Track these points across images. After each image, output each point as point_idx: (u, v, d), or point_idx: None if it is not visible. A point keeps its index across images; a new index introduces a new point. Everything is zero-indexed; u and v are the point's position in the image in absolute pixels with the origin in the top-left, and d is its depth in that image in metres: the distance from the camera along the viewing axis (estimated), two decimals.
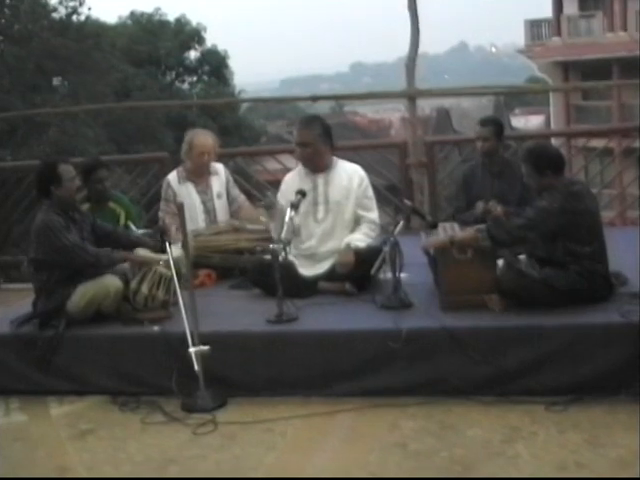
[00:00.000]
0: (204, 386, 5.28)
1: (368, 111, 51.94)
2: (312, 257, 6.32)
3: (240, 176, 7.76)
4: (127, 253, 6.06)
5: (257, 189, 9.30)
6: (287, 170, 9.40)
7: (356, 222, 6.36)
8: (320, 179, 6.37)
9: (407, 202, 6.14)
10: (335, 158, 6.48)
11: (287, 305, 5.66)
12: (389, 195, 9.03)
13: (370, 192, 6.44)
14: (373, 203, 6.43)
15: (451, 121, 40.59)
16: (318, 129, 6.31)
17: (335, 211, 6.33)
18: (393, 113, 47.02)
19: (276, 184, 9.33)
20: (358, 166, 6.51)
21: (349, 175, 6.39)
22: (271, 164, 9.89)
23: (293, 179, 6.50)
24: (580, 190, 5.40)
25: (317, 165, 6.37)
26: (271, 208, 6.67)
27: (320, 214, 6.34)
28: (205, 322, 5.42)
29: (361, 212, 6.35)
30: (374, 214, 6.38)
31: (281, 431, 4.96)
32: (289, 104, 45.82)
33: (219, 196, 7.42)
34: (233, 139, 29.77)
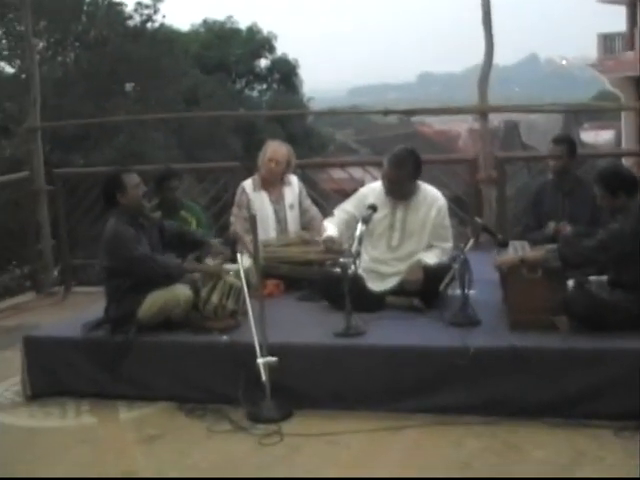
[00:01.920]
0: (270, 396, 5.32)
1: (435, 122, 51.63)
2: (381, 273, 6.32)
3: (305, 183, 7.80)
4: (198, 265, 6.13)
5: (322, 197, 9.32)
6: (353, 180, 9.48)
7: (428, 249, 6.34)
8: (400, 206, 6.34)
9: (478, 220, 6.13)
10: (418, 183, 6.40)
11: (355, 319, 5.67)
12: (454, 207, 8.99)
13: (447, 221, 6.39)
14: (449, 233, 6.38)
15: (519, 134, 40.27)
16: (409, 167, 6.25)
17: (410, 240, 6.31)
18: (461, 124, 46.64)
19: (341, 193, 9.37)
20: (439, 193, 6.45)
21: (429, 203, 6.33)
22: (337, 173, 9.93)
23: (372, 195, 6.45)
24: None
25: (402, 195, 6.35)
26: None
27: (395, 241, 6.34)
28: (273, 333, 5.45)
29: (435, 242, 6.30)
30: (448, 244, 6.32)
31: (345, 444, 4.98)
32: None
33: (291, 207, 7.47)
34: (301, 147, 29.81)
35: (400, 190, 6.32)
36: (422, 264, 6.13)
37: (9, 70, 24.24)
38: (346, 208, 6.52)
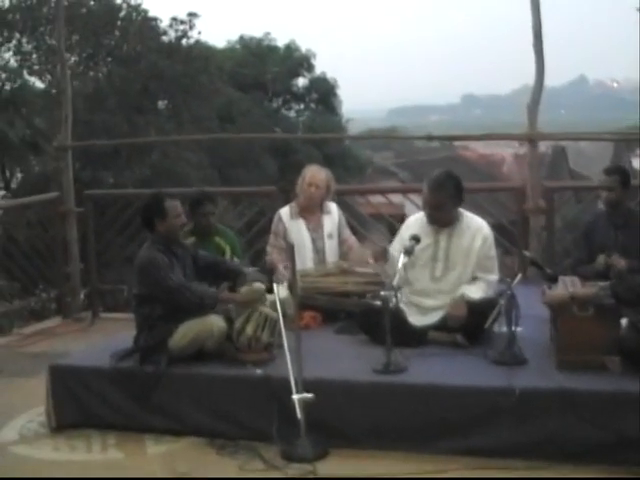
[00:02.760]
0: (305, 434, 5.29)
1: (479, 145, 51.48)
2: (423, 307, 6.30)
3: (342, 207, 7.79)
4: (232, 295, 6.14)
5: (360, 222, 9.30)
6: (392, 205, 9.47)
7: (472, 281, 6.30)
8: (443, 234, 6.33)
9: (526, 253, 6.10)
10: (461, 211, 6.40)
11: (395, 354, 5.64)
12: (499, 237, 8.94)
13: (492, 252, 6.35)
14: (494, 264, 6.34)
15: (567, 160, 40.03)
16: (450, 190, 6.25)
17: (453, 270, 6.28)
18: (505, 149, 46.47)
19: (379, 218, 9.37)
20: (484, 222, 6.43)
21: (473, 233, 6.31)
22: (375, 197, 9.92)
23: (414, 226, 6.46)
24: None
25: (444, 222, 6.34)
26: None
27: (438, 272, 6.31)
28: (309, 367, 5.44)
29: (480, 274, 6.26)
30: (494, 276, 6.28)
31: None
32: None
33: (330, 236, 7.48)
34: (338, 169, 29.73)
35: (441, 216, 6.30)
36: (466, 299, 6.10)
37: (39, 85, 24.52)
38: (395, 248, 6.49)
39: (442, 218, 6.32)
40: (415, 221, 6.51)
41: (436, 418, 5.30)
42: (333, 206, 7.63)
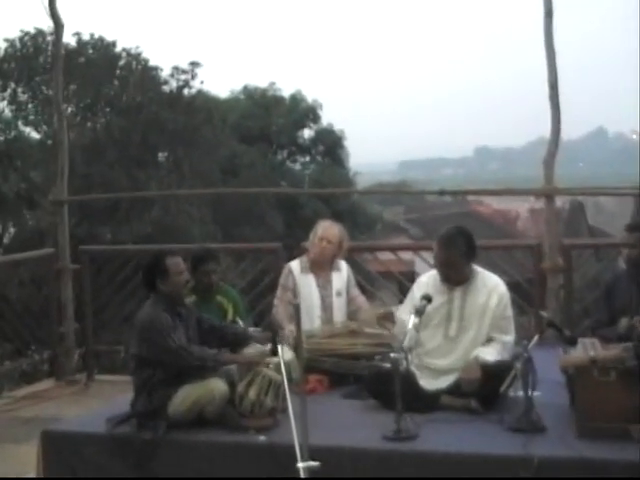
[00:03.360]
0: None
1: (494, 200, 51.62)
2: (436, 370, 6.27)
3: (349, 264, 7.78)
4: (235, 356, 6.13)
5: (368, 280, 9.29)
6: (402, 262, 9.47)
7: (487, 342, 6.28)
8: (457, 292, 6.33)
9: (543, 314, 6.09)
10: (475, 268, 6.41)
11: (406, 420, 5.61)
12: (514, 295, 8.92)
13: (509, 312, 6.35)
14: (510, 325, 6.32)
15: (586, 216, 40.06)
16: (462, 247, 6.26)
17: (468, 330, 6.26)
18: (521, 204, 46.59)
19: (387, 276, 9.35)
20: (500, 280, 6.43)
21: (488, 291, 6.31)
22: (385, 254, 9.91)
23: (427, 284, 6.45)
24: None
25: (458, 279, 6.34)
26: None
27: (452, 331, 6.29)
28: (315, 433, 5.37)
29: (495, 334, 6.24)
30: (510, 337, 6.27)
31: None
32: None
33: (338, 294, 7.49)
34: (346, 225, 29.76)
35: (454, 274, 6.31)
36: (480, 362, 6.07)
37: (35, 136, 24.69)
38: (404, 309, 6.48)
39: (455, 276, 6.32)
40: (427, 279, 6.52)
41: None
42: (343, 264, 7.67)
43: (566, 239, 9.40)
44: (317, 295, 7.45)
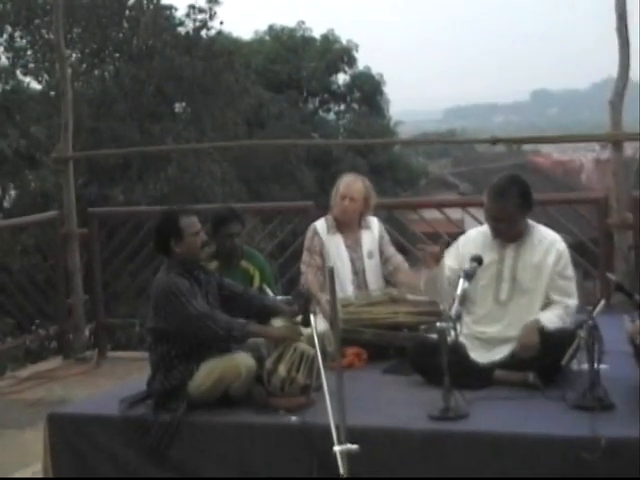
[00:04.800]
0: None
1: (553, 150, 51.31)
2: (488, 340, 6.25)
3: (391, 225, 7.74)
4: (266, 328, 6.12)
5: (412, 242, 9.26)
6: (450, 222, 9.43)
7: (546, 307, 6.24)
8: (509, 250, 6.29)
9: (610, 276, 6.05)
10: (530, 223, 6.37)
11: (455, 398, 5.60)
12: (577, 257, 8.86)
13: (569, 271, 6.30)
14: (572, 286, 6.28)
15: None
16: (515, 198, 6.20)
17: (522, 293, 6.23)
18: (585, 153, 46.28)
19: (435, 237, 9.31)
20: (558, 236, 6.38)
21: (545, 248, 6.26)
22: (430, 212, 9.86)
23: (475, 241, 6.42)
24: None
25: (510, 235, 6.31)
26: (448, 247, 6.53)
27: (503, 294, 6.26)
28: (353, 413, 5.37)
29: (555, 296, 6.20)
30: (572, 300, 6.23)
31: None
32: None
33: (370, 255, 7.47)
34: (386, 180, 29.95)
35: (506, 228, 6.26)
36: (540, 326, 6.04)
37: (35, 86, 24.74)
38: (446, 264, 6.44)
39: (507, 231, 6.28)
40: (476, 235, 6.48)
41: (504, 473, 5.24)
42: (374, 220, 7.64)
43: (637, 192, 9.32)
44: (347, 258, 7.44)
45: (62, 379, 9.07)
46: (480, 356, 6.20)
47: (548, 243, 6.28)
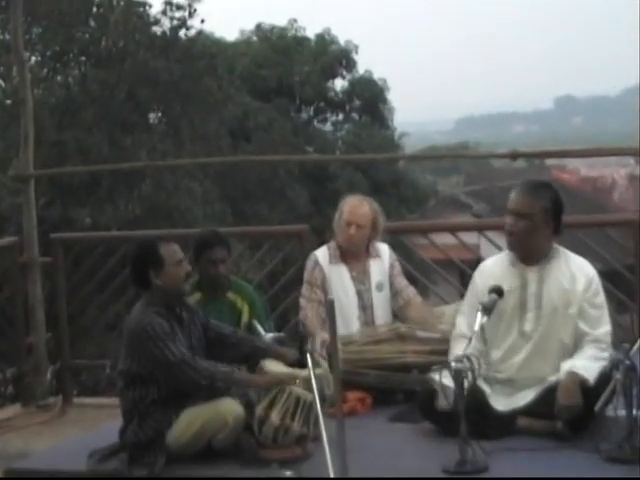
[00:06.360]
0: None
1: (581, 165, 51.42)
2: (510, 383, 6.25)
3: (395, 251, 7.73)
4: (251, 376, 6.13)
5: (421, 270, 9.26)
6: (463, 247, 9.43)
7: (576, 339, 6.25)
8: (533, 273, 6.31)
9: None
10: (557, 246, 6.38)
11: (472, 449, 5.61)
12: (609, 286, 8.83)
13: (600, 299, 6.32)
14: (604, 315, 6.30)
15: None
16: (546, 201, 6.23)
17: (550, 322, 6.24)
18: (617, 168, 46.38)
19: (446, 264, 9.32)
20: (586, 262, 6.41)
21: (572, 273, 6.29)
22: (441, 237, 9.84)
23: (492, 270, 6.46)
24: None
25: (531, 250, 6.31)
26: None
27: (528, 325, 6.27)
28: (356, 465, 5.39)
29: (585, 328, 6.22)
30: (603, 329, 6.24)
31: None
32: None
33: (379, 287, 7.47)
34: (391, 200, 29.91)
35: (530, 236, 6.26)
36: (580, 379, 5.98)
37: None
38: (466, 311, 6.45)
39: (530, 241, 6.27)
40: (493, 264, 6.51)
41: None
42: (383, 247, 7.64)
43: None
44: (353, 291, 7.44)
45: (21, 429, 9.01)
46: (501, 402, 6.20)
47: (577, 269, 6.31)
